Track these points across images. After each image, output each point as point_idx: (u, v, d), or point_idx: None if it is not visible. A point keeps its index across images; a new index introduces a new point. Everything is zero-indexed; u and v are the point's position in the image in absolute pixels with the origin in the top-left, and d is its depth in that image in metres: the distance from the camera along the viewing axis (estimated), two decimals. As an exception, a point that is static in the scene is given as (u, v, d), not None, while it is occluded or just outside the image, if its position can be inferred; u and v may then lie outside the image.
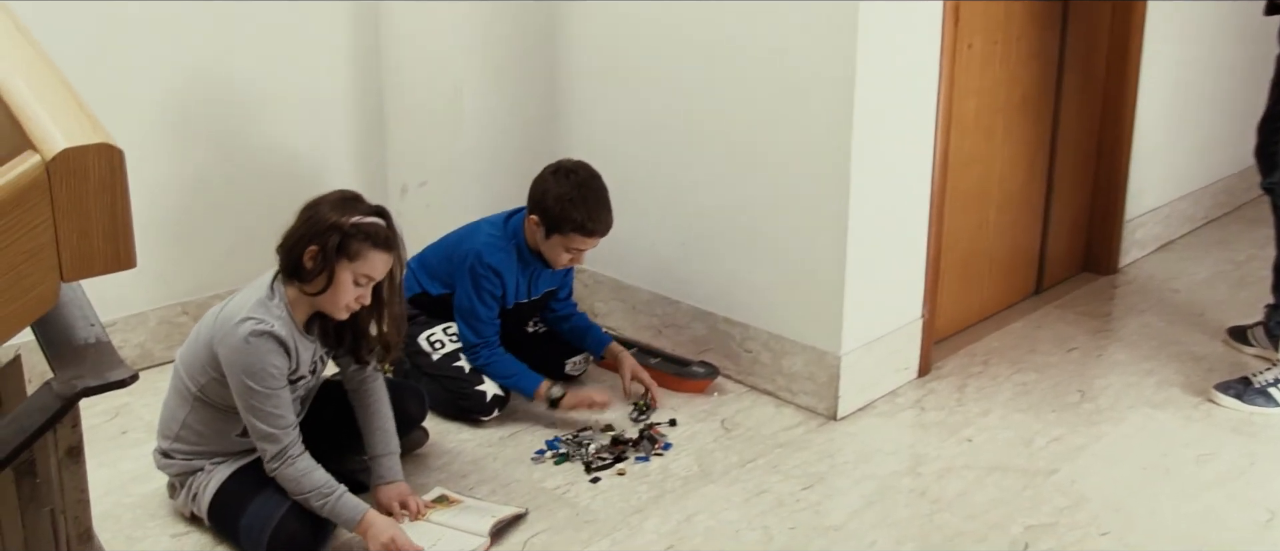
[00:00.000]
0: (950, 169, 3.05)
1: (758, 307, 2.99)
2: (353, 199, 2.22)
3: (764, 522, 2.40)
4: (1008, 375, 3.14)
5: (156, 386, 2.68)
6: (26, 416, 1.07)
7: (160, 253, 3.07)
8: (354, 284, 2.18)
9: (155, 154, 3.00)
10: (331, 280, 2.16)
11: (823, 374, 2.86)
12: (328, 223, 2.15)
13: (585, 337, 3.00)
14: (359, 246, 2.15)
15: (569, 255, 2.74)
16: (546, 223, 2.70)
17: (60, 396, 1.06)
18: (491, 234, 2.79)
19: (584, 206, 2.67)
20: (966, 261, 3.36)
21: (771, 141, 2.84)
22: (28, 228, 0.90)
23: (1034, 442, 2.76)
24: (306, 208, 2.22)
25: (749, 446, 2.74)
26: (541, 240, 2.74)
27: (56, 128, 0.92)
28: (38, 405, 1.07)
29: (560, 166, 2.73)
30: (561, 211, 2.66)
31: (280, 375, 2.15)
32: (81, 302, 1.22)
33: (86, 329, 1.17)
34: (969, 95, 3.13)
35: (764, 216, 2.91)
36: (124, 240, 0.94)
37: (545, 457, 2.65)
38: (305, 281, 2.18)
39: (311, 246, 2.15)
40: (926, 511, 2.45)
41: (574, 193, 2.67)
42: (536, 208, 2.71)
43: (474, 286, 2.75)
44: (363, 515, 2.18)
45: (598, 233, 2.71)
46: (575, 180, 2.68)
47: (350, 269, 2.16)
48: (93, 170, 0.91)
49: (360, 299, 2.20)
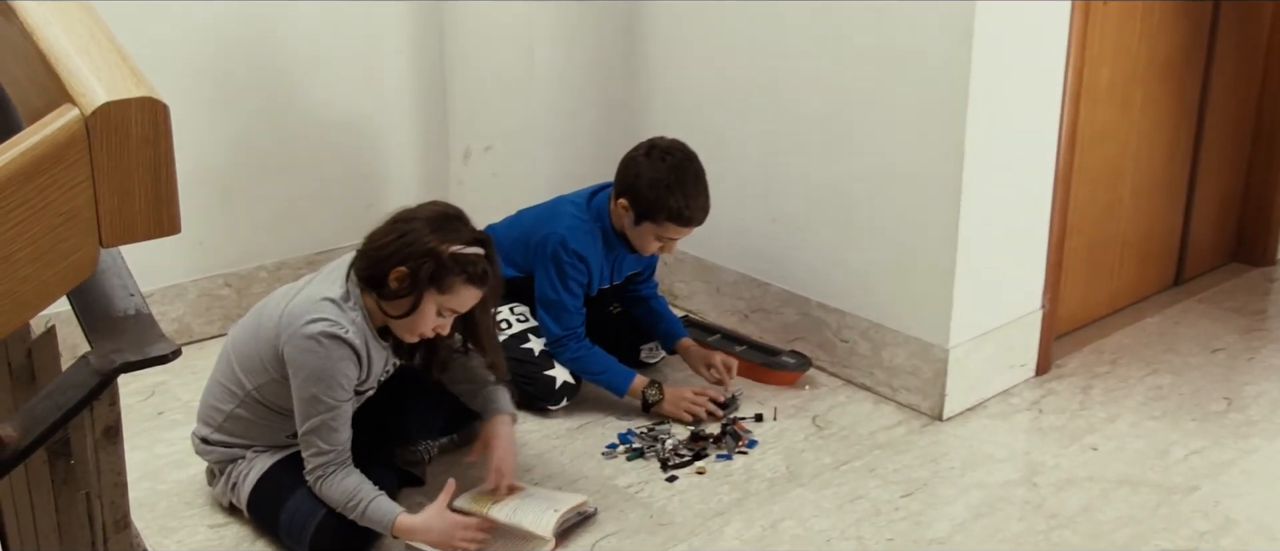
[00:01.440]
0: (1079, 143, 2.99)
1: (856, 293, 2.97)
2: (455, 218, 2.20)
3: (858, 532, 2.38)
4: (1140, 376, 3.08)
5: (195, 365, 2.75)
6: (61, 393, 1.09)
7: (201, 218, 3.13)
8: (437, 314, 2.18)
9: (198, 109, 3.06)
10: (415, 308, 2.16)
11: (928, 368, 2.83)
12: (424, 247, 2.13)
13: (657, 325, 3.01)
14: (453, 281, 2.15)
15: (660, 244, 2.74)
16: (637, 208, 2.68)
17: (98, 371, 1.08)
18: (576, 217, 2.78)
19: (681, 193, 2.64)
20: (1095, 247, 3.29)
21: (874, 108, 2.81)
22: (65, 188, 0.91)
23: (1170, 454, 2.70)
24: (401, 220, 2.19)
25: (843, 447, 2.72)
26: (630, 226, 2.73)
27: (96, 80, 0.93)
28: (74, 381, 1.09)
29: (654, 146, 2.71)
30: (655, 198, 2.65)
31: (350, 385, 2.17)
32: (121, 271, 1.24)
33: (126, 299, 1.19)
34: (1102, 60, 3.06)
35: (865, 191, 2.88)
36: (168, 203, 0.95)
37: (617, 452, 2.66)
38: (385, 300, 2.18)
39: (401, 268, 2.14)
40: (1042, 527, 2.41)
41: (670, 177, 2.65)
42: (627, 191, 2.69)
43: (558, 275, 2.75)
44: (394, 520, 2.18)
45: (694, 222, 2.70)
46: (671, 163, 2.66)
47: (437, 301, 2.16)
48: (135, 126, 0.92)
49: (438, 329, 2.21)
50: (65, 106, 0.92)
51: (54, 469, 1.24)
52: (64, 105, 0.92)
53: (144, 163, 0.93)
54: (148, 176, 0.94)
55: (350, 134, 3.35)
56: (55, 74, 0.96)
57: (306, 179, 3.31)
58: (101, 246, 0.95)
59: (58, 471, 1.24)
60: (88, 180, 0.92)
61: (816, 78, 2.92)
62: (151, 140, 0.93)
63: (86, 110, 0.91)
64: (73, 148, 0.91)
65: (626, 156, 2.73)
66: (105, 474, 1.21)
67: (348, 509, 2.18)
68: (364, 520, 2.19)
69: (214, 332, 3.18)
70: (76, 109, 0.91)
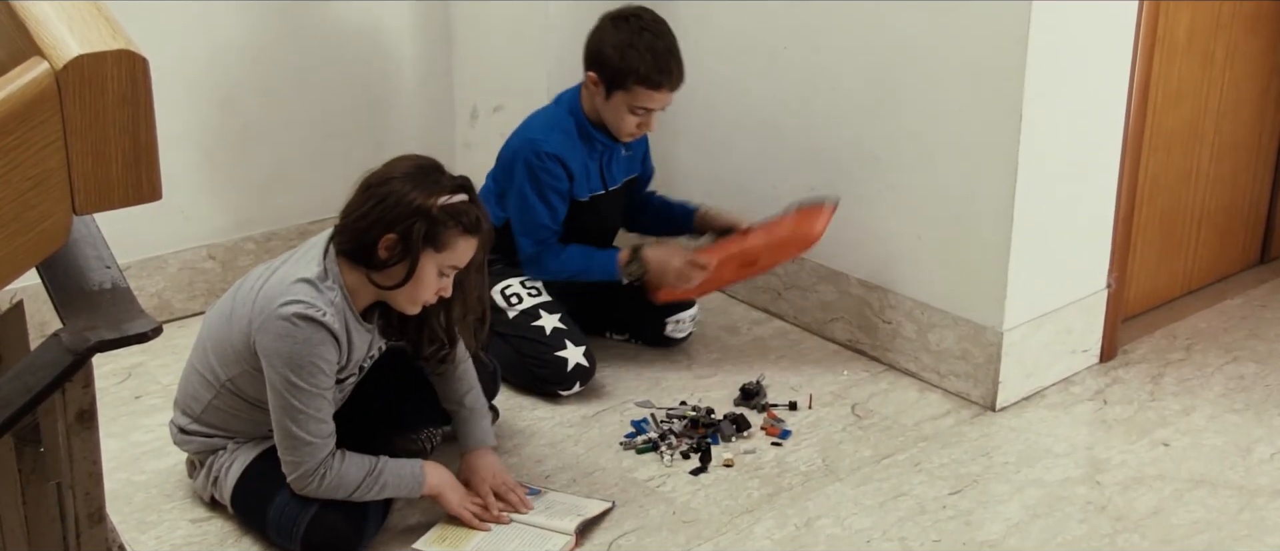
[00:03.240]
0: (1152, 103, 2.97)
1: (901, 270, 2.96)
2: (433, 169, 2.21)
3: (901, 532, 2.39)
4: (1219, 365, 3.07)
5: (175, 344, 2.76)
6: (30, 373, 1.10)
7: (183, 184, 3.15)
8: (438, 275, 2.20)
9: (178, 65, 3.07)
10: (412, 274, 2.17)
11: (980, 353, 2.83)
12: (410, 206, 2.14)
13: (671, 219, 3.04)
14: (449, 235, 2.16)
15: (635, 118, 2.79)
16: (605, 77, 2.75)
17: (70, 350, 1.08)
18: (545, 117, 2.85)
19: (650, 53, 2.72)
20: (1168, 220, 3.28)
21: (921, 63, 2.79)
22: (34, 149, 0.92)
23: (1254, 453, 2.68)
24: (374, 183, 2.19)
25: (885, 438, 2.72)
26: (602, 104, 2.78)
27: (68, 31, 0.93)
28: (44, 360, 1.09)
29: (617, 13, 2.79)
30: (622, 60, 2.72)
31: (329, 371, 2.18)
32: (96, 241, 1.25)
33: (102, 271, 1.20)
34: (1182, 7, 3.03)
35: (911, 158, 2.87)
36: (147, 167, 0.95)
37: (636, 441, 2.68)
38: (378, 271, 2.18)
39: (389, 234, 2.14)
40: (1107, 530, 2.41)
41: (635, 38, 2.72)
42: (593, 62, 2.77)
43: (533, 185, 2.78)
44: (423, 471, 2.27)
45: (665, 85, 2.76)
46: (636, 25, 2.75)
47: (436, 260, 2.18)
48: (111, 82, 0.92)
49: (442, 291, 2.22)
50: (34, 60, 0.92)
51: (22, 457, 1.25)
52: (33, 58, 0.92)
53: (121, 122, 0.93)
54: (125, 137, 0.94)
55: (347, 91, 3.36)
56: (22, 24, 0.96)
57: (298, 142, 3.32)
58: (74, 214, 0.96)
59: (26, 460, 1.25)
60: (59, 141, 0.92)
61: (858, 30, 2.90)
62: (130, 98, 0.93)
63: (57, 64, 0.91)
64: (42, 105, 0.91)
65: (593, 28, 2.81)
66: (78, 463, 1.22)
67: (370, 486, 2.22)
68: (387, 489, 2.24)
69: (196, 309, 3.20)
70: (46, 63, 0.92)
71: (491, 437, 2.48)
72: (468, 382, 2.46)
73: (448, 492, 2.32)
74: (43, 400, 1.11)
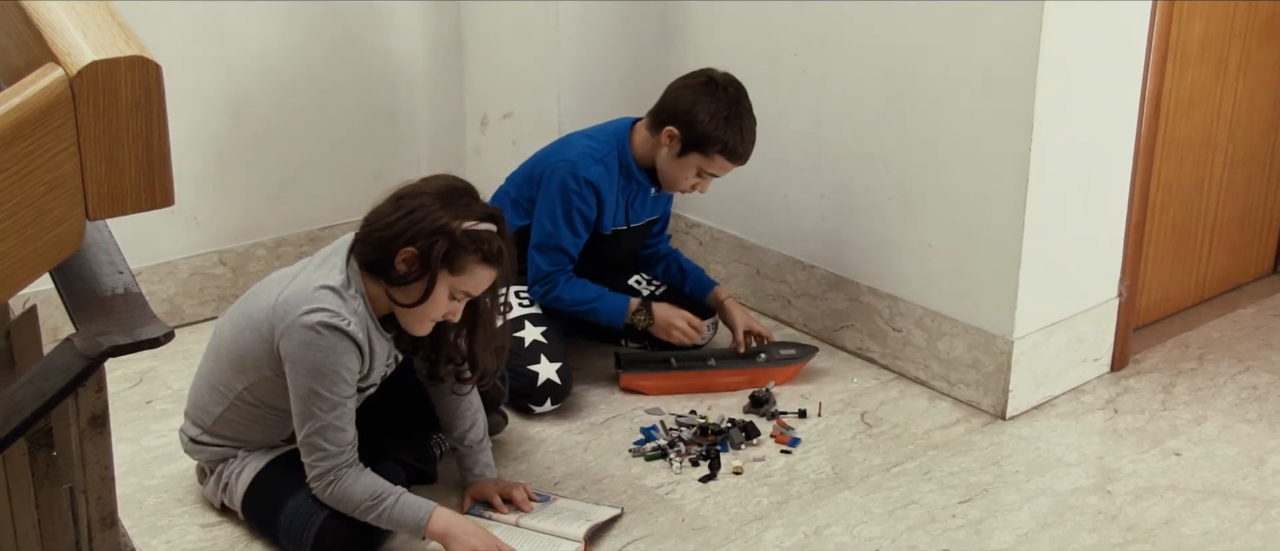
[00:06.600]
0: (1165, 110, 2.97)
1: (911, 277, 2.96)
2: (464, 192, 2.21)
3: (911, 541, 2.39)
4: (1232, 374, 3.06)
5: (187, 349, 2.78)
6: (44, 378, 1.10)
7: (194, 190, 3.16)
8: (449, 298, 2.20)
9: (191, 72, 3.08)
10: (428, 294, 2.17)
11: (990, 362, 2.83)
12: (434, 224, 2.14)
13: (685, 281, 3.07)
14: (467, 260, 2.16)
15: (698, 181, 2.82)
16: (688, 138, 2.75)
17: (83, 355, 1.09)
18: (589, 145, 2.84)
19: (738, 129, 2.75)
20: (1181, 229, 3.27)
21: (932, 71, 2.79)
22: (48, 154, 0.92)
23: (1267, 463, 2.68)
24: (405, 196, 2.20)
25: (895, 447, 2.72)
26: (670, 157, 2.79)
27: (83, 37, 0.94)
28: (57, 365, 1.10)
29: (711, 78, 2.79)
30: (713, 130, 2.73)
31: (352, 380, 2.18)
32: (109, 246, 1.25)
33: (114, 277, 1.20)
34: (1194, 14, 3.03)
35: (922, 164, 2.87)
36: (160, 173, 0.96)
37: (644, 449, 2.68)
38: (393, 286, 2.19)
39: (410, 248, 2.15)
40: (1118, 540, 2.40)
41: (730, 110, 2.74)
42: (679, 120, 2.76)
43: (563, 206, 2.79)
44: (429, 515, 2.21)
45: (744, 160, 2.81)
46: (730, 97, 2.76)
47: (450, 282, 2.17)
48: (125, 88, 0.92)
49: (449, 315, 2.22)
50: (48, 66, 0.93)
51: (35, 461, 1.26)
52: (47, 64, 0.93)
53: (134, 128, 0.94)
54: (138, 143, 0.94)
55: (357, 99, 3.37)
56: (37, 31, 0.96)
57: (309, 148, 3.33)
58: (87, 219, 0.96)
59: (39, 464, 1.26)
60: (73, 147, 0.92)
61: (869, 39, 2.90)
62: (143, 103, 0.93)
63: (71, 70, 0.91)
64: (57, 111, 0.91)
65: (679, 83, 2.81)
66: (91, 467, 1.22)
67: (370, 510, 2.19)
68: (389, 522, 2.21)
69: (207, 314, 3.21)
70: (61, 69, 0.92)
71: (493, 470, 2.48)
72: (470, 417, 2.45)
73: (455, 538, 2.22)
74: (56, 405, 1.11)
